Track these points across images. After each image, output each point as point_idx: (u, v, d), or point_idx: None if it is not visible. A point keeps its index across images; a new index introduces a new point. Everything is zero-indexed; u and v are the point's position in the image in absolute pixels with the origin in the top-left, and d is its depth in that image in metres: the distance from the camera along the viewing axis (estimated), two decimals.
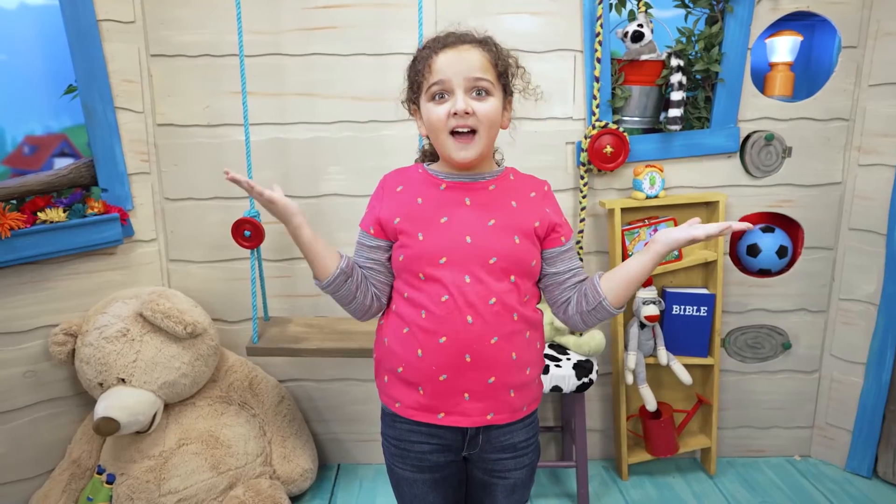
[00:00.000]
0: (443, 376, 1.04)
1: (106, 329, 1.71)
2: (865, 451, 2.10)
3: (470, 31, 1.07)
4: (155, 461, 1.72)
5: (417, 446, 1.11)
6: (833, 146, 2.01)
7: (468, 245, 1.03)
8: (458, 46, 1.03)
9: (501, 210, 1.06)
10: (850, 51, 1.94)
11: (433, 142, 1.09)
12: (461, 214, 1.05)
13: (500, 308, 1.03)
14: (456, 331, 1.02)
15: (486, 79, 1.03)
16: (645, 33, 1.91)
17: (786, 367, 2.17)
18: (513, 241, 1.05)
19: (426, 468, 1.12)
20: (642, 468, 2.15)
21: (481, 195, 1.08)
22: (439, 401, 1.06)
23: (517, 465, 1.13)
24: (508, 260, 1.04)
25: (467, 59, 1.02)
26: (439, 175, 1.10)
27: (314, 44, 1.88)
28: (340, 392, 2.14)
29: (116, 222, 1.84)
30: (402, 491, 1.17)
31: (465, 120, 1.02)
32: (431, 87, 1.03)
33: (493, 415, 1.07)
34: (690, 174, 2.00)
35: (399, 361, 1.08)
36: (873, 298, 2.03)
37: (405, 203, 1.08)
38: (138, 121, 1.90)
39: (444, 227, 1.05)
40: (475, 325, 1.03)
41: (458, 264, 1.03)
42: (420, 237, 1.05)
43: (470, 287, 1.02)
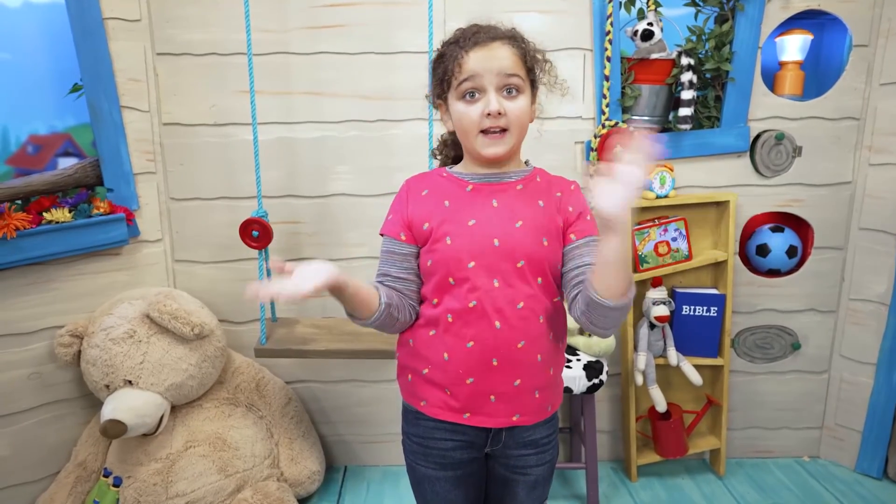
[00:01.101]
0: (469, 380, 1.05)
1: (112, 330, 1.70)
2: (875, 452, 2.09)
3: (497, 26, 1.04)
4: (162, 464, 1.71)
5: (441, 443, 1.10)
6: (843, 145, 1.99)
7: (496, 248, 1.01)
8: (488, 44, 1.01)
9: (529, 210, 1.04)
10: (862, 49, 1.93)
11: (461, 139, 1.07)
12: (489, 216, 1.03)
13: (528, 312, 1.02)
14: (483, 336, 1.02)
15: (517, 75, 1.01)
16: (655, 32, 1.90)
17: (795, 368, 2.16)
18: (541, 243, 1.03)
19: (448, 465, 1.12)
20: (651, 469, 2.14)
21: (508, 196, 1.06)
22: (465, 402, 1.06)
23: (539, 461, 1.13)
24: (537, 262, 1.02)
25: (498, 56, 1.00)
26: (465, 177, 1.08)
27: (321, 42, 1.87)
28: (347, 393, 2.13)
29: (122, 222, 1.82)
30: (423, 489, 1.16)
31: (498, 121, 1.01)
32: (462, 85, 1.01)
33: (519, 416, 1.07)
34: (700, 174, 1.99)
35: (425, 363, 1.08)
36: (884, 298, 2.01)
37: (433, 206, 1.06)
38: (144, 120, 1.89)
39: (472, 230, 1.03)
40: (503, 330, 1.02)
41: (486, 268, 1.02)
42: (448, 241, 1.03)
43: (499, 291, 1.01)
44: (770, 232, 2.04)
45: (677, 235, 1.97)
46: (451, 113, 1.06)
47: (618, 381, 2.12)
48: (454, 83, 1.02)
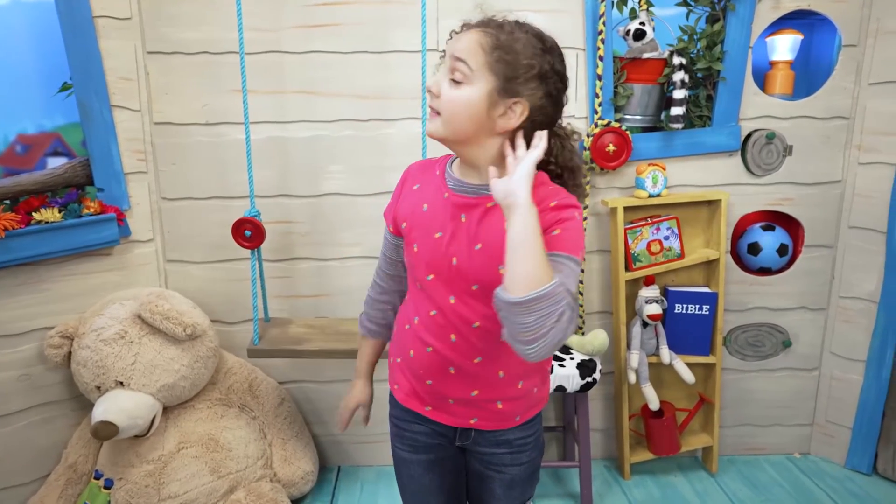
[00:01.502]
0: (429, 381, 1.07)
1: (103, 331, 1.68)
2: (865, 449, 2.11)
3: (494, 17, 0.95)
4: (154, 465, 1.69)
5: (413, 426, 1.13)
6: (833, 144, 2.01)
7: (453, 267, 0.99)
8: (469, 30, 0.93)
9: (492, 233, 0.95)
10: (851, 49, 1.95)
11: None
12: (454, 232, 0.99)
13: (484, 332, 1.00)
14: (441, 346, 1.03)
15: (465, 61, 0.89)
16: (647, 31, 1.90)
17: (786, 365, 2.17)
18: (496, 269, 0.90)
19: (420, 449, 1.13)
20: (644, 467, 2.15)
21: (477, 213, 0.98)
22: (427, 398, 1.09)
23: (514, 460, 1.11)
24: (491, 287, 0.88)
25: (462, 39, 0.92)
26: (449, 181, 1.02)
27: (315, 41, 1.86)
28: (341, 393, 2.10)
29: (113, 222, 1.81)
30: (399, 472, 1.18)
31: (431, 101, 0.95)
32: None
33: (477, 420, 1.07)
34: (692, 172, 2.00)
35: (398, 353, 1.12)
36: (873, 296, 2.04)
37: (415, 206, 1.04)
38: (135, 119, 1.87)
39: (436, 244, 1.00)
40: (458, 344, 1.02)
41: (444, 284, 1.01)
42: (415, 248, 1.03)
43: (453, 309, 1.00)
44: (761, 230, 2.06)
45: (669, 234, 1.98)
46: None
47: (611, 379, 2.13)
48: None
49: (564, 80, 0.97)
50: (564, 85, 0.97)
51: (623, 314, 1.99)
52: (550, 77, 0.93)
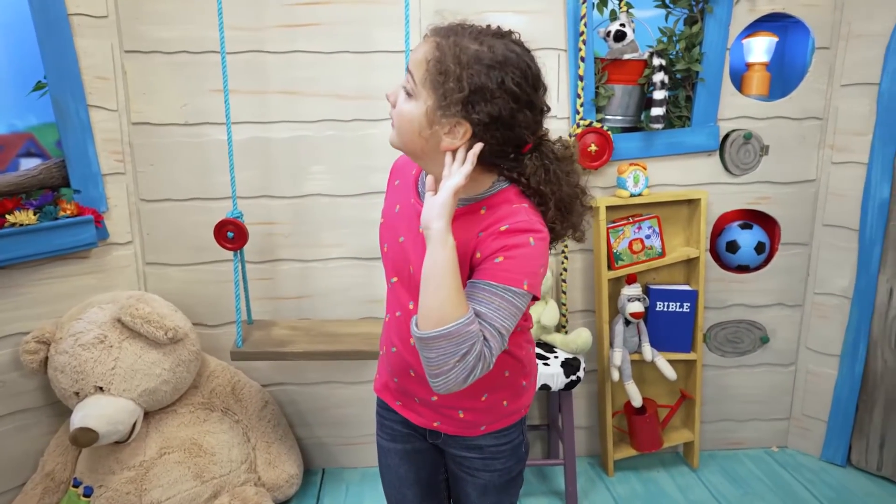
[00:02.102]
0: (395, 379, 1.09)
1: (82, 336, 1.65)
2: (840, 441, 2.16)
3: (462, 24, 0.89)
4: (135, 471, 1.66)
5: (391, 415, 1.14)
6: (808, 144, 2.06)
7: (411, 274, 0.97)
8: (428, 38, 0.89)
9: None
10: (823, 52, 2.00)
11: None
12: (414, 241, 0.95)
13: None
14: (403, 347, 1.03)
15: (412, 74, 0.87)
16: (627, 33, 1.93)
17: (764, 361, 2.22)
18: None
19: (397, 438, 1.15)
20: (627, 464, 2.17)
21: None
22: (398, 393, 1.11)
23: (486, 466, 1.09)
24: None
25: (419, 48, 0.89)
26: (419, 188, 0.99)
27: (297, 41, 1.84)
28: (325, 395, 2.10)
29: (91, 225, 1.77)
30: (380, 460, 1.19)
31: (389, 109, 0.93)
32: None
33: (440, 423, 1.07)
34: (672, 172, 2.03)
35: (382, 344, 1.13)
36: (846, 292, 2.09)
37: (392, 205, 1.04)
38: (112, 119, 1.84)
39: (399, 248, 1.00)
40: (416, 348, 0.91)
41: (404, 289, 1.00)
42: (385, 248, 1.04)
43: (412, 313, 0.94)
44: (739, 229, 2.10)
45: (651, 233, 2.01)
46: None
47: (594, 377, 2.15)
48: None
49: (519, 99, 0.85)
50: (519, 104, 0.85)
51: (606, 312, 2.02)
52: (496, 97, 0.83)
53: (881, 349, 2.04)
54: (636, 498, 2.01)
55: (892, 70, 1.89)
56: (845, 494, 2.02)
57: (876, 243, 1.99)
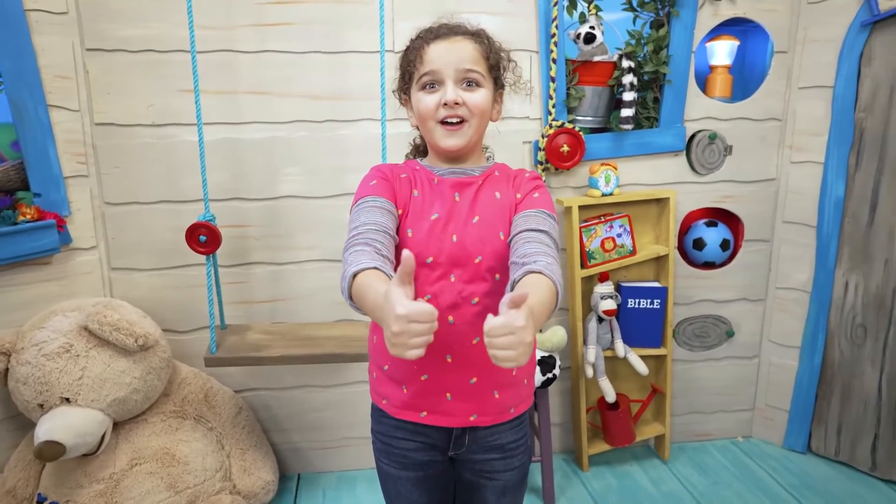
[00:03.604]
0: (424, 376, 1.05)
1: (46, 345, 1.58)
2: (801, 429, 2.25)
3: (462, 23, 1.07)
4: (105, 484, 1.61)
5: (402, 443, 1.11)
6: (768, 144, 2.14)
7: (454, 244, 1.02)
8: (450, 38, 1.03)
9: (486, 205, 1.05)
10: (782, 55, 2.08)
11: (423, 131, 1.09)
12: (450, 211, 1.05)
13: (483, 308, 1.02)
14: (438, 332, 0.98)
15: (476, 70, 1.03)
16: (596, 35, 1.96)
17: (729, 354, 2.29)
18: (497, 237, 1.03)
19: (410, 466, 1.11)
20: (601, 458, 2.21)
21: (471, 191, 1.07)
22: (422, 399, 1.06)
23: (506, 466, 1.12)
24: (494, 258, 1.03)
25: (459, 49, 1.02)
26: (433, 169, 1.10)
27: (268, 40, 1.81)
28: (299, 400, 2.07)
29: (53, 229, 1.70)
30: (387, 487, 1.16)
31: (456, 110, 1.02)
32: (423, 78, 1.03)
33: (477, 416, 1.07)
34: (642, 172, 2.08)
35: (385, 359, 1.09)
36: (806, 286, 2.18)
37: (407, 193, 1.07)
38: (74, 120, 1.77)
39: (432, 225, 1.03)
40: (456, 325, 1.02)
41: (444, 263, 1.02)
42: (409, 234, 1.03)
43: (453, 287, 1.02)
44: (705, 227, 2.16)
45: (622, 231, 2.05)
46: (413, 106, 1.08)
47: (567, 374, 2.19)
48: (416, 75, 1.04)
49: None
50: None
51: (579, 310, 2.05)
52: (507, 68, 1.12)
53: (838, 340, 2.13)
54: (611, 492, 2.05)
55: (846, 74, 1.98)
56: (806, 480, 2.11)
57: (832, 239, 2.08)
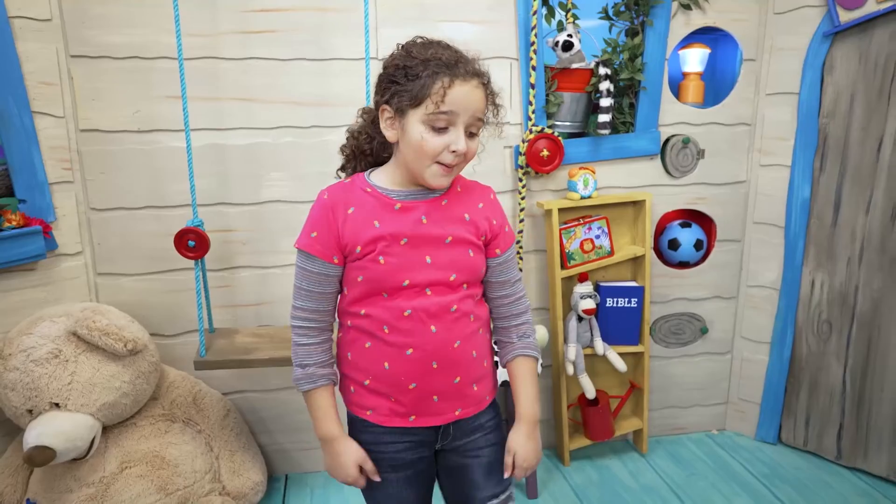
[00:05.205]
0: (412, 385, 1.09)
1: (34, 351, 1.59)
2: (772, 421, 2.35)
3: (476, 62, 1.05)
4: (95, 488, 1.62)
5: (392, 446, 1.14)
6: (739, 148, 2.22)
7: (429, 265, 1.06)
8: (470, 81, 1.02)
9: (456, 224, 1.09)
10: (750, 63, 2.17)
11: (408, 157, 1.05)
12: (420, 234, 1.06)
13: (460, 314, 1.09)
14: (423, 342, 1.07)
15: (482, 119, 1.05)
16: (574, 43, 2.03)
17: (703, 350, 2.38)
18: (468, 254, 1.09)
19: (400, 467, 1.15)
20: (582, 453, 2.28)
21: (436, 211, 1.08)
22: (410, 406, 1.11)
23: (487, 441, 1.18)
24: (465, 273, 1.09)
25: (475, 97, 1.02)
26: (390, 194, 1.08)
27: (253, 48, 1.84)
28: (286, 402, 2.10)
29: (38, 235, 1.71)
30: (374, 493, 1.18)
31: (458, 157, 1.03)
32: (438, 116, 1.00)
33: (461, 410, 1.14)
34: (618, 175, 2.15)
35: (365, 375, 1.11)
36: (775, 284, 2.27)
37: (362, 228, 1.06)
38: (59, 126, 1.78)
39: (404, 250, 1.05)
40: (439, 333, 1.08)
41: (420, 284, 1.06)
42: (381, 261, 1.05)
43: (431, 300, 1.07)
44: (679, 227, 2.24)
45: (600, 233, 2.11)
46: (405, 128, 1.03)
47: (549, 372, 2.25)
48: (428, 106, 1.00)
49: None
50: None
51: (560, 310, 2.11)
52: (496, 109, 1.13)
53: (805, 335, 2.23)
54: (591, 485, 2.12)
55: (810, 81, 2.07)
56: (777, 470, 2.20)
57: (799, 239, 2.18)
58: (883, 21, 1.90)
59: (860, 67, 1.97)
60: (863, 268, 2.06)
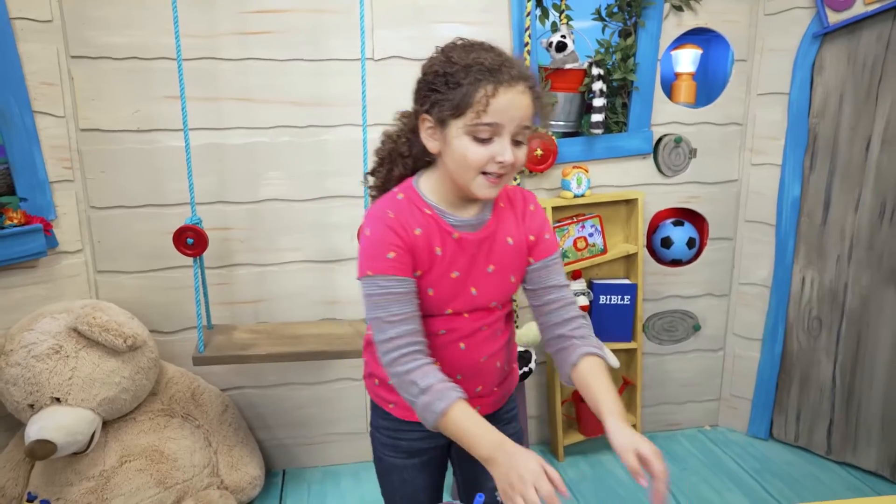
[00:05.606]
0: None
1: (35, 347, 1.62)
2: (763, 417, 2.38)
3: (516, 61, 0.97)
4: (95, 482, 1.65)
5: (409, 434, 1.16)
6: (730, 148, 2.26)
7: (473, 296, 1.07)
8: (515, 86, 0.94)
9: (500, 254, 1.07)
10: (741, 63, 2.20)
11: (453, 170, 0.99)
12: (469, 267, 1.05)
13: (490, 332, 1.11)
14: (451, 358, 1.08)
15: (529, 127, 0.98)
16: (568, 44, 2.06)
17: (696, 347, 2.41)
18: (509, 281, 1.09)
19: (416, 453, 1.18)
20: (576, 448, 2.31)
21: (486, 242, 1.06)
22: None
23: (504, 431, 1.17)
24: (504, 297, 1.10)
25: (521, 104, 0.95)
26: (447, 218, 1.04)
27: (251, 48, 1.87)
28: (283, 397, 2.13)
29: (39, 233, 1.73)
30: (391, 478, 1.21)
31: (505, 168, 0.97)
32: (480, 126, 0.94)
33: (481, 407, 1.15)
34: (611, 174, 2.18)
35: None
36: (766, 281, 2.30)
37: (426, 252, 1.02)
38: (59, 126, 1.80)
39: (453, 283, 1.05)
40: (467, 350, 1.09)
41: (460, 311, 1.08)
42: (430, 292, 1.04)
43: (466, 322, 1.08)
44: (672, 226, 2.27)
45: (593, 231, 2.15)
46: (448, 140, 0.97)
47: (543, 368, 2.28)
48: (471, 116, 0.93)
49: None
50: None
51: None
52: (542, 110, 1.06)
53: (796, 332, 2.26)
54: (585, 480, 2.15)
55: (799, 82, 2.10)
56: (768, 465, 2.23)
57: (790, 237, 2.21)
58: (870, 22, 1.93)
59: (849, 68, 2.01)
60: (852, 265, 2.09)
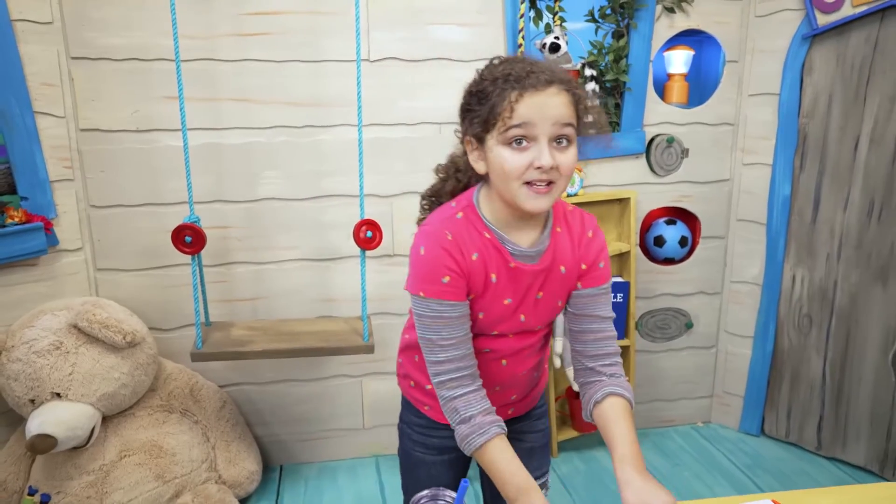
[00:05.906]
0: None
1: (36, 343, 1.64)
2: (755, 413, 2.41)
3: (550, 67, 0.95)
4: (95, 476, 1.68)
5: (440, 432, 1.17)
6: (722, 148, 2.29)
7: (521, 323, 1.07)
8: (545, 89, 0.91)
9: (552, 282, 1.06)
10: (733, 65, 2.23)
11: (499, 185, 0.97)
12: (522, 295, 1.05)
13: (531, 350, 1.12)
14: (490, 372, 1.08)
15: (571, 125, 0.93)
16: (561, 45, 2.08)
17: (689, 345, 2.44)
18: (556, 306, 1.08)
19: (445, 450, 1.19)
20: (570, 444, 2.34)
21: (542, 274, 1.05)
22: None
23: (532, 427, 1.21)
24: (549, 321, 1.11)
25: (554, 104, 0.92)
26: (507, 245, 1.02)
27: (249, 50, 1.89)
28: (281, 394, 2.16)
29: (40, 232, 1.76)
30: (417, 472, 1.21)
31: (548, 174, 0.92)
32: (511, 131, 0.91)
33: (514, 410, 1.19)
34: (605, 173, 2.21)
35: (428, 381, 1.09)
36: (757, 280, 2.33)
37: (481, 278, 1.01)
38: (60, 126, 1.83)
39: (504, 308, 1.05)
40: (508, 366, 1.10)
41: (506, 332, 1.09)
42: (481, 315, 1.04)
43: (510, 342, 1.09)
44: (665, 225, 2.30)
45: None
46: (487, 155, 0.96)
47: None
48: (500, 126, 0.92)
49: None
50: None
51: None
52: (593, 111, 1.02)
53: (787, 329, 2.29)
54: (578, 475, 2.18)
55: (790, 82, 2.13)
56: (760, 461, 2.26)
57: (780, 235, 2.24)
58: (858, 24, 1.96)
59: (838, 69, 2.04)
60: (841, 263, 2.12)
